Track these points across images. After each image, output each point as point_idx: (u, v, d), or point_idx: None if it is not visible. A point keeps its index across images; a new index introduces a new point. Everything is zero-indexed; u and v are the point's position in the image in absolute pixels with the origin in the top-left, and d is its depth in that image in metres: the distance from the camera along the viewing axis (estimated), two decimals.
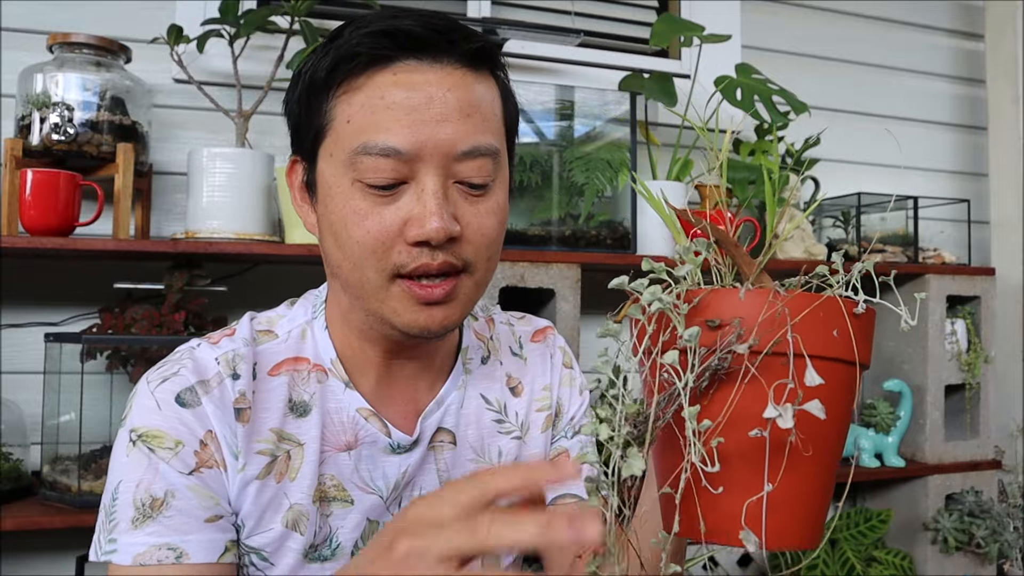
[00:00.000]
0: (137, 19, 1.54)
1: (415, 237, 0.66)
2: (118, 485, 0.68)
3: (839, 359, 0.49)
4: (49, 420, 1.35)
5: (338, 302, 0.76)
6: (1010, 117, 2.13)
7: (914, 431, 1.84)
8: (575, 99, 1.65)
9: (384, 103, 0.66)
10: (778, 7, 2.08)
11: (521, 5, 1.87)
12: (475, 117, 0.69)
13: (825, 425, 0.48)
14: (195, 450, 0.68)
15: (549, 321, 0.95)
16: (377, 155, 0.66)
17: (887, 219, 2.01)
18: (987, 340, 1.90)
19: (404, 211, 0.67)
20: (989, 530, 1.79)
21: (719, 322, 0.49)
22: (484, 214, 0.70)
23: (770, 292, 0.49)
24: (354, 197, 0.67)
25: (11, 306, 1.49)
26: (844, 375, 0.50)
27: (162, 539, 0.66)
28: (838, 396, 0.49)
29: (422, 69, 0.68)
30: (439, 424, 0.80)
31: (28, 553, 1.45)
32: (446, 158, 0.67)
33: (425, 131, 0.66)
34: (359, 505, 0.76)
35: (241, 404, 0.71)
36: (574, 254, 1.52)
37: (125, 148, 1.35)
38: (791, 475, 0.48)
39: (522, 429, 0.85)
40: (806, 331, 0.48)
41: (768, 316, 0.48)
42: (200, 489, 0.68)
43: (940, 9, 2.25)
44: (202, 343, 0.74)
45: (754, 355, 0.48)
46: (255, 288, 1.58)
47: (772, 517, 0.48)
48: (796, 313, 0.48)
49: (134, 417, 0.69)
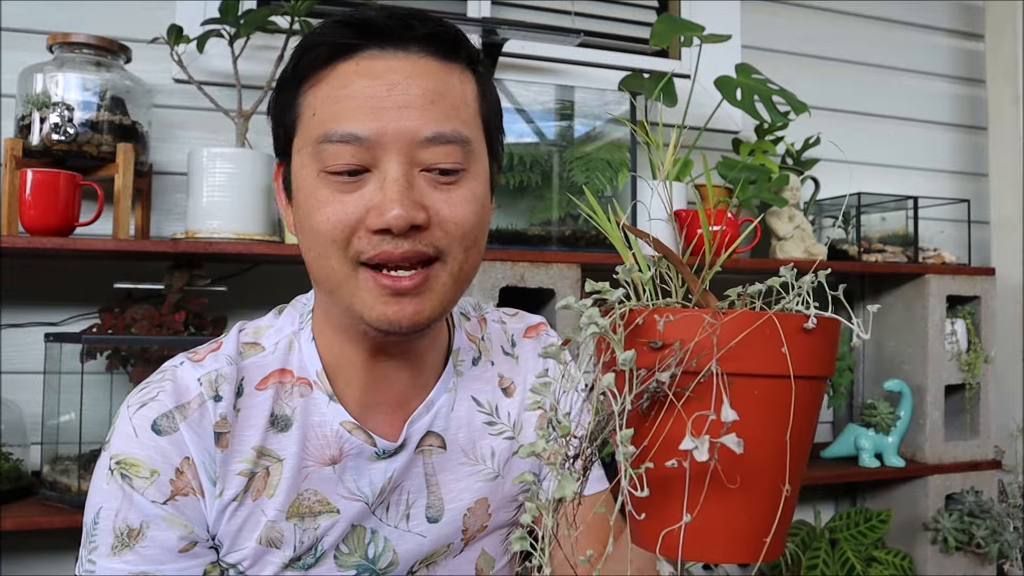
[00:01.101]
0: (137, 19, 1.54)
1: (376, 225, 0.65)
2: (99, 511, 0.69)
3: (789, 375, 0.48)
4: (49, 420, 1.35)
5: (321, 305, 0.76)
6: (1010, 117, 2.13)
7: (914, 431, 1.84)
8: (575, 99, 1.65)
9: (346, 92, 0.66)
10: (778, 7, 2.08)
11: (521, 5, 1.87)
12: (441, 104, 0.68)
13: (771, 442, 0.48)
14: (170, 478, 0.68)
15: (542, 317, 0.94)
16: (337, 142, 0.66)
17: (887, 219, 2.01)
18: (987, 340, 1.90)
19: (366, 199, 0.66)
20: (989, 530, 1.79)
21: (661, 343, 0.48)
22: (456, 203, 0.68)
23: (707, 313, 0.48)
24: (318, 187, 0.67)
25: (11, 306, 1.49)
26: (803, 389, 0.49)
27: (138, 568, 0.68)
28: (789, 412, 0.48)
29: (385, 57, 0.68)
30: (428, 428, 0.79)
31: (28, 553, 1.45)
32: (409, 145, 0.66)
33: (385, 117, 0.66)
34: (345, 513, 0.75)
35: (221, 428, 0.71)
36: (574, 254, 1.52)
37: (125, 148, 1.35)
38: (730, 495, 0.48)
39: (515, 429, 0.85)
40: (748, 350, 0.47)
41: (704, 337, 0.47)
42: (174, 519, 0.68)
43: (940, 9, 2.24)
44: (185, 361, 0.74)
45: (693, 377, 0.47)
46: (255, 288, 1.58)
47: (709, 537, 0.48)
48: (736, 333, 0.47)
49: (114, 443, 0.70)
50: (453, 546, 0.81)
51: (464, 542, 0.82)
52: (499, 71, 1.70)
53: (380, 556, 0.77)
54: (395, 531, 0.78)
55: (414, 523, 0.78)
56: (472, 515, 0.81)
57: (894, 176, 2.15)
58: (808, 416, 0.50)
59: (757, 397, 0.47)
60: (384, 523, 0.77)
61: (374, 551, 0.77)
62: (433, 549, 0.80)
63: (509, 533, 0.86)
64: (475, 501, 0.81)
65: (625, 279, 0.54)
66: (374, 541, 0.77)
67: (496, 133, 0.77)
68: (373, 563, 0.77)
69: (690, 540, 0.49)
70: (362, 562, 0.77)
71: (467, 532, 0.81)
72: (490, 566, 0.85)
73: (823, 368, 0.50)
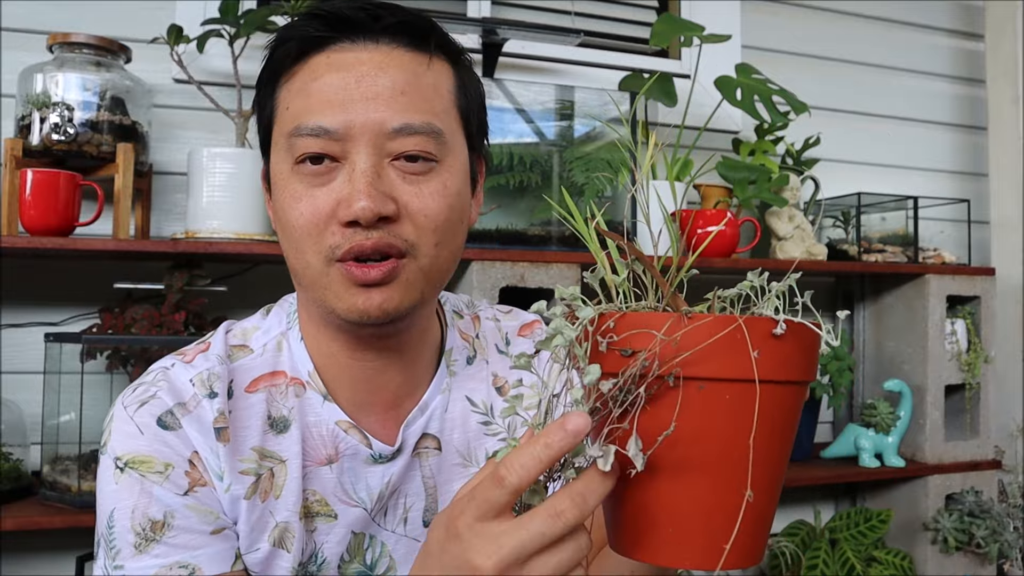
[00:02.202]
0: (137, 19, 1.54)
1: (345, 217, 0.65)
2: (112, 513, 0.67)
3: (762, 380, 0.47)
4: (49, 420, 1.35)
5: (302, 300, 0.75)
6: (1010, 117, 2.13)
7: (914, 431, 1.84)
8: (575, 99, 1.65)
9: (316, 85, 0.67)
10: (778, 7, 2.08)
11: (521, 5, 1.87)
12: (411, 95, 0.67)
13: (741, 447, 0.47)
14: (185, 471, 0.67)
15: (537, 315, 0.92)
16: (307, 135, 0.66)
17: (887, 219, 2.01)
18: (987, 340, 1.90)
19: (336, 192, 0.66)
20: (989, 530, 1.79)
21: (631, 351, 0.47)
22: (427, 195, 0.67)
23: (670, 318, 0.47)
24: (291, 182, 0.67)
25: (11, 306, 1.49)
26: (776, 394, 0.48)
27: (170, 559, 0.66)
28: (760, 417, 0.47)
29: (355, 50, 0.67)
30: (423, 430, 0.78)
31: (28, 553, 1.45)
32: (377, 136, 0.66)
33: (353, 109, 0.65)
34: (343, 519, 0.74)
35: (221, 423, 0.70)
36: (574, 254, 1.52)
37: (125, 148, 1.35)
38: (689, 497, 0.48)
39: (509, 430, 0.83)
40: (717, 354, 0.46)
41: (670, 342, 0.47)
42: (198, 507, 0.67)
43: (940, 9, 2.24)
44: (176, 363, 0.73)
45: (658, 381, 0.47)
46: (255, 288, 1.57)
47: (658, 538, 0.49)
48: (704, 338, 0.46)
49: (115, 444, 0.68)
50: None
51: None
52: (499, 71, 1.69)
53: (377, 561, 0.77)
54: (392, 536, 0.77)
55: (411, 527, 0.78)
56: None
57: (894, 176, 2.15)
58: (784, 421, 0.50)
59: (727, 402, 0.47)
60: (383, 528, 0.77)
61: (372, 557, 0.76)
62: None
63: None
64: None
65: (593, 283, 0.54)
66: (372, 547, 0.76)
67: (477, 126, 0.75)
68: (371, 568, 0.76)
69: (640, 539, 0.49)
70: (361, 568, 0.76)
71: None
72: None
73: (798, 373, 0.49)
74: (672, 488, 0.48)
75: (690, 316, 0.47)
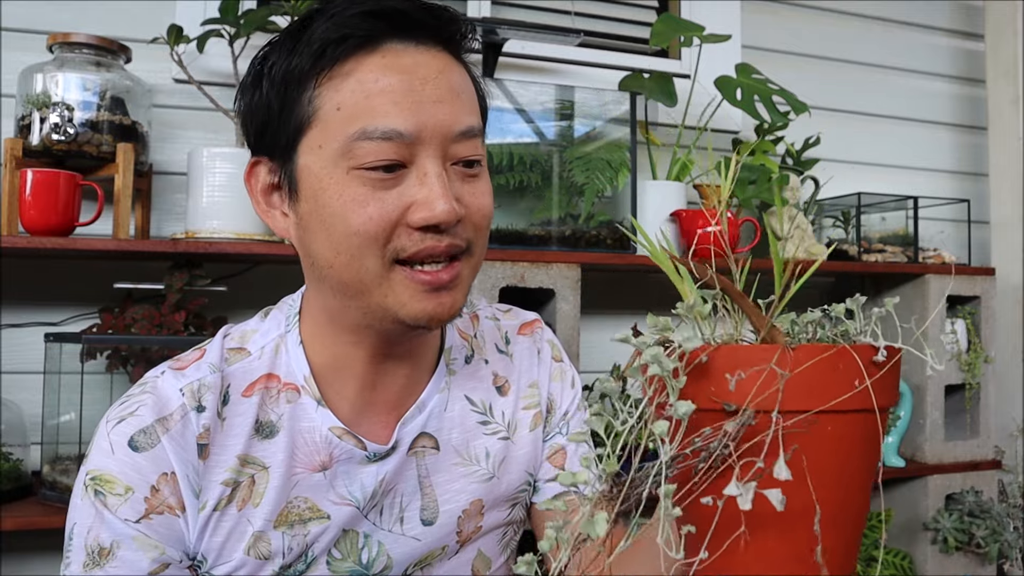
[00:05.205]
0: (137, 19, 1.53)
1: (423, 221, 0.64)
2: (73, 527, 0.68)
3: (859, 410, 0.46)
4: (49, 420, 1.35)
5: (324, 307, 0.73)
6: (1010, 117, 2.13)
7: (914, 431, 1.84)
8: (575, 99, 1.65)
9: (379, 86, 0.65)
10: (778, 7, 2.07)
11: (521, 5, 1.87)
12: (463, 98, 0.68)
13: (842, 481, 0.45)
14: (145, 496, 0.67)
15: (536, 314, 0.93)
16: (379, 139, 0.64)
17: (887, 219, 2.01)
18: (987, 340, 1.90)
19: (407, 196, 0.65)
20: (989, 530, 1.79)
21: (734, 407, 0.45)
22: (480, 194, 0.69)
23: (774, 351, 0.45)
24: (351, 186, 0.65)
25: (11, 306, 1.49)
26: (867, 424, 0.47)
27: None
28: (860, 446, 0.46)
29: (409, 52, 0.67)
30: (421, 429, 0.78)
31: (28, 553, 1.45)
32: (444, 139, 0.66)
33: (424, 112, 0.65)
34: (335, 518, 0.74)
35: (204, 440, 0.70)
36: (574, 254, 1.52)
37: (125, 148, 1.35)
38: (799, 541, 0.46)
39: (509, 429, 0.83)
40: (817, 386, 0.44)
41: (775, 376, 0.44)
42: (144, 539, 0.67)
43: (940, 9, 2.24)
44: (167, 371, 0.72)
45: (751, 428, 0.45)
46: (255, 288, 1.58)
47: None
48: (809, 372, 0.44)
49: (91, 457, 0.69)
50: (448, 548, 0.80)
51: (459, 544, 0.81)
52: (499, 71, 1.69)
53: (374, 561, 0.76)
54: (389, 535, 0.77)
55: (408, 526, 0.78)
56: (467, 517, 0.80)
57: (894, 176, 2.15)
58: (873, 449, 0.48)
59: (830, 434, 0.45)
60: (378, 527, 0.77)
61: (368, 556, 0.76)
62: (428, 552, 0.79)
63: (505, 533, 0.86)
64: (470, 503, 0.81)
65: (685, 315, 0.51)
66: (367, 546, 0.76)
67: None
68: (367, 568, 0.76)
69: None
70: (356, 567, 0.76)
71: (461, 534, 0.81)
72: (487, 566, 0.84)
73: (891, 398, 0.49)
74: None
75: (794, 348, 0.45)
